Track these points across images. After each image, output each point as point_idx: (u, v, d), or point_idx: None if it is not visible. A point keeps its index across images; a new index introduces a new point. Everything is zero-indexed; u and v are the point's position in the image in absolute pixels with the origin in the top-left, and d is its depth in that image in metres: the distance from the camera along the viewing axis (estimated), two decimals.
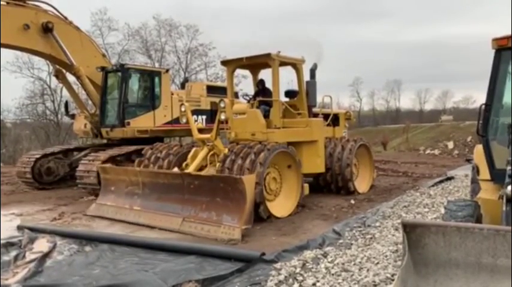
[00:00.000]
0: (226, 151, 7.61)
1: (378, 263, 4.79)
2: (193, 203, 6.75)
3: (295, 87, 9.46)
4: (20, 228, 6.72)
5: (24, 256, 5.40)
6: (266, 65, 9.02)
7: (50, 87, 33.23)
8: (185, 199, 6.87)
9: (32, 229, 6.55)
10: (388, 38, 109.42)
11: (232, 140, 8.39)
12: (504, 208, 3.54)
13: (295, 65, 9.14)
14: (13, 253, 5.47)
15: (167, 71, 12.62)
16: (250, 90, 10.15)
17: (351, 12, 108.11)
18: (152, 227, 6.80)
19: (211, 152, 7.94)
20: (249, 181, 6.23)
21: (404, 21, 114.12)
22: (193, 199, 6.78)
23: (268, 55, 8.46)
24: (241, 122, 8.50)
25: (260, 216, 6.94)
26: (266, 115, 8.78)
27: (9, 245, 5.80)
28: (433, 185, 10.66)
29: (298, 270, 4.62)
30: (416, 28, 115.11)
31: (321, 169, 9.24)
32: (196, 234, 6.31)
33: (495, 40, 4.63)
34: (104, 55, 12.72)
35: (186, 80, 18.65)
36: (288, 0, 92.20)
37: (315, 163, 9.03)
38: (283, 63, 8.84)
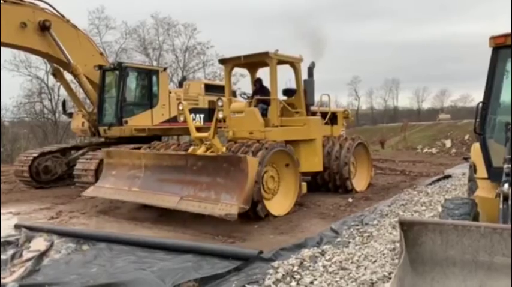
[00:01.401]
0: (224, 149, 7.61)
1: (375, 261, 4.80)
2: (194, 184, 6.76)
3: (293, 85, 9.46)
4: (17, 227, 6.70)
5: (21, 255, 5.38)
6: (264, 64, 9.01)
7: (47, 86, 33.23)
8: (186, 180, 6.89)
9: (29, 228, 6.53)
10: (387, 37, 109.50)
11: (230, 139, 8.39)
12: (501, 206, 3.54)
13: (293, 64, 9.14)
14: (10, 252, 5.45)
15: (165, 69, 12.60)
16: (249, 89, 10.16)
17: (349, 11, 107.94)
18: (149, 226, 6.79)
19: (209, 151, 7.92)
20: (252, 161, 6.26)
21: (403, 20, 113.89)
22: (194, 179, 6.80)
23: (266, 54, 8.45)
24: (239, 120, 8.50)
25: (258, 214, 6.94)
26: (264, 114, 8.78)
27: (6, 243, 5.79)
28: (430, 184, 10.68)
29: (295, 268, 4.62)
30: (415, 27, 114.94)
31: (319, 167, 9.25)
32: (192, 211, 6.35)
33: (493, 38, 4.64)
34: (101, 54, 12.69)
35: (184, 78, 18.61)
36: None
37: (312, 161, 9.04)
38: (281, 62, 8.83)
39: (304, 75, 9.38)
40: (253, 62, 9.16)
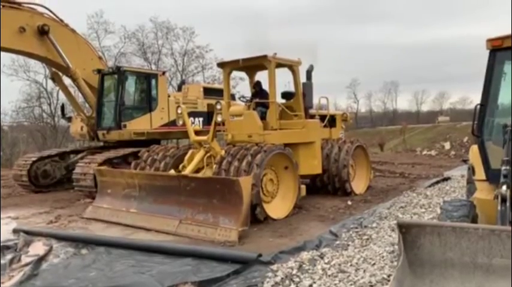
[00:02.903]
0: (222, 152, 7.61)
1: (374, 264, 4.80)
2: (190, 205, 6.74)
3: (292, 89, 9.47)
4: (16, 231, 6.69)
5: (19, 259, 5.38)
6: (262, 67, 9.02)
7: (46, 90, 33.18)
8: (182, 201, 6.86)
9: (28, 232, 6.53)
10: (386, 39, 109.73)
11: (229, 142, 8.39)
12: (499, 208, 3.54)
13: (292, 67, 9.15)
14: (9, 256, 5.45)
15: (164, 73, 12.61)
16: (248, 92, 10.17)
17: (349, 15, 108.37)
18: (148, 230, 6.78)
19: (208, 154, 7.93)
20: (245, 182, 6.23)
21: (402, 23, 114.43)
22: (190, 201, 6.77)
23: (264, 57, 8.46)
24: (238, 124, 8.51)
25: (257, 218, 6.94)
26: (263, 117, 8.78)
27: (5, 248, 5.77)
28: (429, 186, 10.67)
29: (294, 271, 4.62)
30: (414, 30, 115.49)
31: (318, 170, 9.24)
32: (192, 236, 6.31)
33: (489, 41, 4.64)
34: (100, 58, 12.69)
35: (183, 82, 18.63)
36: (286, 1, 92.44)
37: (311, 164, 9.03)
38: (279, 65, 8.84)
39: (303, 78, 9.38)
40: (251, 65, 9.17)
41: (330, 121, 10.61)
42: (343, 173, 9.44)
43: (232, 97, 11.87)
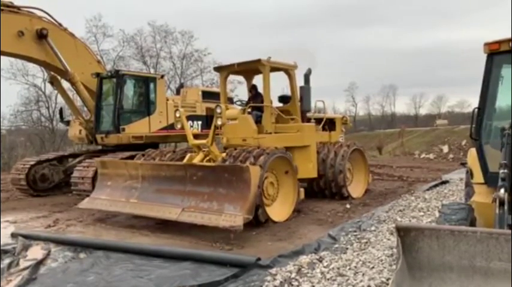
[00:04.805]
0: (223, 155, 7.60)
1: (373, 267, 4.79)
2: (194, 195, 6.69)
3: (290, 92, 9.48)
4: (14, 235, 6.67)
5: (18, 264, 5.37)
6: (258, 71, 9.04)
7: (44, 93, 33.13)
8: (186, 191, 6.82)
9: (26, 236, 6.50)
10: (384, 43, 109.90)
11: (224, 146, 8.40)
12: (497, 211, 3.55)
13: (287, 71, 9.17)
14: (7, 261, 5.43)
15: (162, 76, 12.62)
16: (246, 96, 10.19)
17: (348, 18, 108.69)
18: (147, 234, 6.77)
19: (207, 158, 7.93)
20: (254, 170, 6.24)
21: (400, 27, 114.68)
22: (195, 190, 6.74)
23: (258, 61, 8.48)
24: (233, 127, 8.51)
25: (258, 219, 6.91)
26: (259, 121, 8.78)
27: (3, 252, 5.76)
28: (428, 189, 10.67)
29: (293, 275, 4.62)
30: (412, 34, 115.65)
31: (313, 173, 9.21)
32: (195, 222, 6.27)
33: (487, 45, 4.67)
34: (99, 61, 12.71)
35: (181, 85, 18.64)
36: (285, 4, 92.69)
37: (307, 167, 8.99)
38: (274, 69, 8.85)
39: (300, 82, 9.40)
40: (247, 69, 9.18)
41: (329, 125, 10.61)
42: (339, 179, 9.40)
43: (230, 101, 11.90)
